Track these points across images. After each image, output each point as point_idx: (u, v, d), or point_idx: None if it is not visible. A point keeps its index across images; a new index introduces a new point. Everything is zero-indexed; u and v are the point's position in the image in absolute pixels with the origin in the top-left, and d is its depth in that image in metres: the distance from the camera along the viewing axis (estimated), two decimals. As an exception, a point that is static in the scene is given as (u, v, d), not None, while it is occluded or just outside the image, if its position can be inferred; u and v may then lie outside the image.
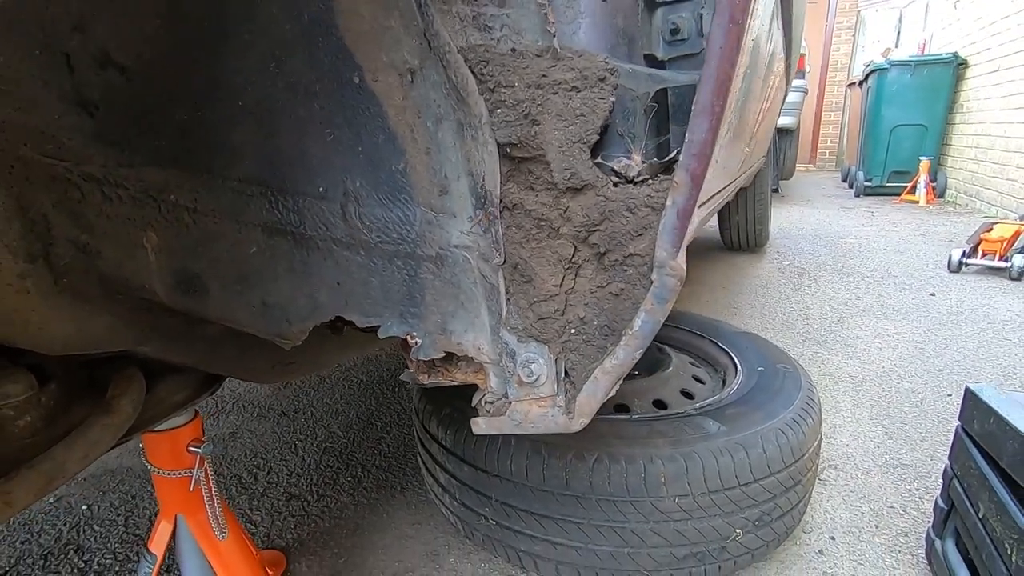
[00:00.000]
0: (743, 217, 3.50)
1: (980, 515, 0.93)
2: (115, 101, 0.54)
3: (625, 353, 0.47)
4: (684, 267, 0.44)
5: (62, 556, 1.30)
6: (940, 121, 5.68)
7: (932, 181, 5.62)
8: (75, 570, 1.26)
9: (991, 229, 3.35)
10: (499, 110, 0.45)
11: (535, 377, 0.51)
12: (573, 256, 0.49)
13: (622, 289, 0.47)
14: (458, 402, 1.21)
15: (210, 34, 0.52)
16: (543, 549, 1.08)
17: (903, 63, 5.63)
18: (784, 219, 5.02)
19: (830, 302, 2.81)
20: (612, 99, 0.44)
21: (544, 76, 0.44)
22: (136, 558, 1.28)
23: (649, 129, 0.51)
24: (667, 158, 0.45)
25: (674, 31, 0.52)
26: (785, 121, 5.19)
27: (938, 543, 1.06)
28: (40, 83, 0.52)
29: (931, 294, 2.87)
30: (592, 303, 0.49)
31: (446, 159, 0.52)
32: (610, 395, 0.50)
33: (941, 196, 5.78)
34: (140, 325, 0.66)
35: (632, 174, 0.44)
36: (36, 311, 0.59)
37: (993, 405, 0.93)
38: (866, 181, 6.10)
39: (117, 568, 1.26)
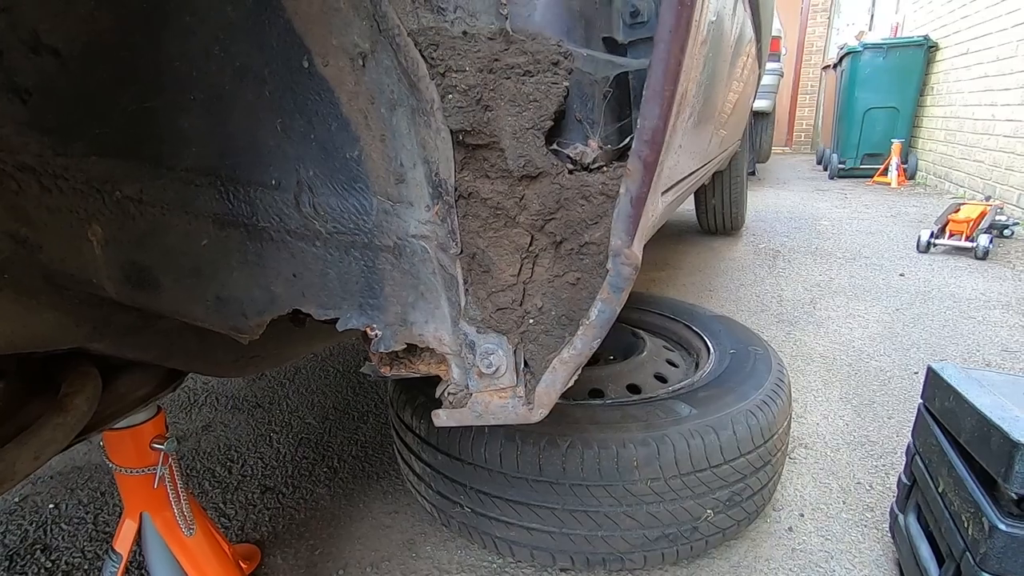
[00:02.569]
0: (719, 200, 3.53)
1: (940, 490, 0.96)
2: (50, 87, 0.51)
3: (583, 343, 0.46)
4: (639, 255, 0.43)
5: (28, 556, 1.28)
6: (911, 104, 5.77)
7: (903, 163, 5.72)
8: (42, 570, 1.23)
9: (958, 210, 3.43)
10: (450, 95, 0.44)
11: (494, 368, 0.50)
12: (530, 245, 0.48)
13: (579, 278, 0.47)
14: (432, 391, 1.20)
15: (150, 16, 0.50)
16: (518, 535, 1.09)
17: (876, 46, 5.69)
18: (760, 202, 5.08)
19: (803, 283, 2.86)
20: (566, 84, 0.42)
21: (496, 60, 0.43)
22: (106, 557, 1.26)
23: (610, 114, 0.50)
24: (621, 144, 0.44)
25: (634, 13, 0.51)
26: (761, 104, 5.22)
27: (901, 517, 1.10)
28: (-35, 68, 0.49)
29: (900, 274, 2.93)
30: (550, 293, 0.49)
31: (401, 146, 0.50)
32: (569, 385, 0.50)
33: (912, 177, 5.89)
34: (90, 321, 0.64)
35: (587, 161, 0.44)
36: (-24, 309, 0.56)
37: (953, 383, 0.96)
38: (840, 163, 6.18)
39: (86, 567, 1.23)
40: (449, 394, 0.57)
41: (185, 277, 0.57)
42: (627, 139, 0.44)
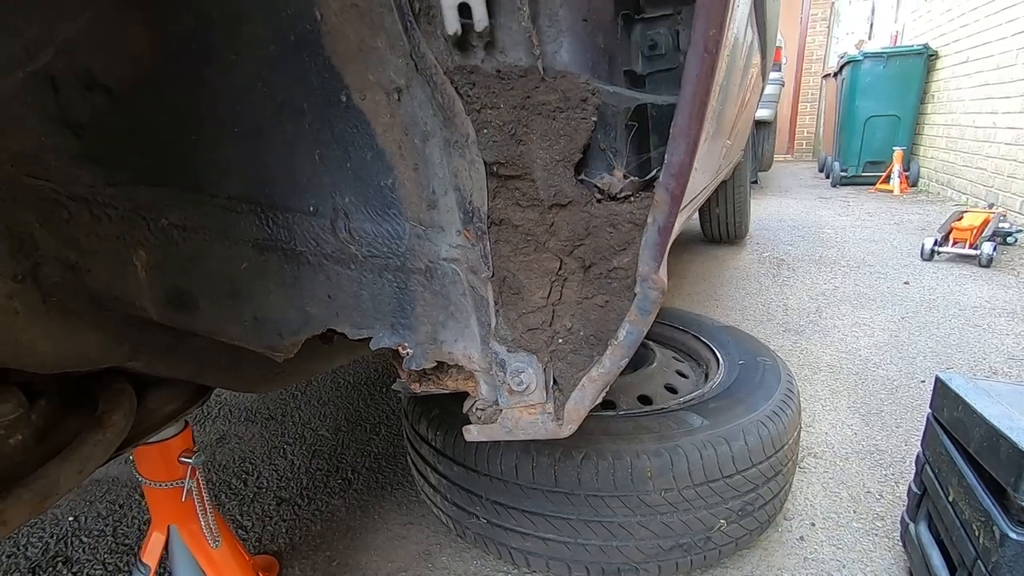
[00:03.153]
0: (723, 210, 3.55)
1: (950, 499, 0.97)
2: (102, 122, 0.54)
3: (611, 362, 0.48)
4: (666, 280, 0.46)
5: (50, 569, 1.30)
6: (912, 111, 5.81)
7: (905, 170, 5.75)
8: (65, 582, 1.25)
9: (961, 218, 3.45)
10: (485, 130, 0.47)
11: (525, 386, 0.53)
12: (559, 269, 0.50)
13: (607, 301, 0.49)
14: (447, 403, 1.23)
15: (196, 54, 0.53)
16: (534, 545, 1.11)
17: (876, 55, 5.73)
18: (763, 210, 5.10)
19: (808, 292, 2.88)
20: (594, 119, 0.45)
21: (528, 98, 0.45)
22: (126, 568, 1.28)
23: (630, 143, 0.53)
24: (648, 176, 0.46)
25: (652, 47, 0.54)
26: (763, 113, 5.26)
27: (912, 526, 1.11)
28: (24, 105, 0.52)
29: (905, 282, 2.95)
30: (578, 314, 0.51)
31: (434, 175, 0.53)
32: (597, 401, 0.52)
33: (914, 185, 5.91)
34: (130, 340, 0.66)
35: (615, 191, 0.46)
36: (25, 330, 0.59)
37: (961, 394, 0.98)
38: (842, 171, 6.22)
39: (108, 578, 1.25)
40: (477, 409, 0.59)
41: (224, 299, 0.60)
42: (653, 172, 0.46)
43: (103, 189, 0.56)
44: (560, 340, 0.52)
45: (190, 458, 0.88)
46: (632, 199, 0.46)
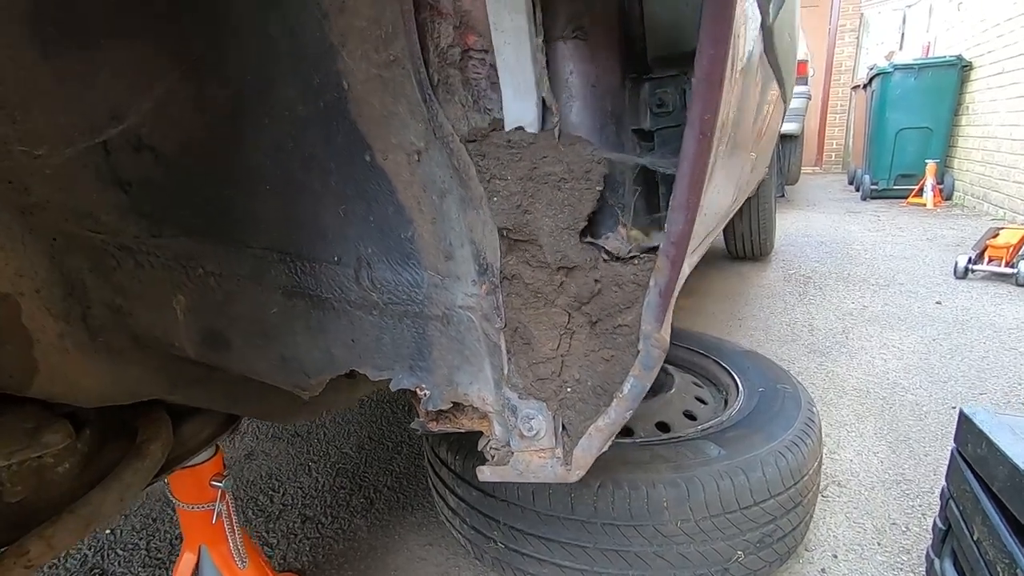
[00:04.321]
0: (747, 227, 3.52)
1: (975, 537, 0.95)
2: (147, 179, 0.59)
3: (616, 413, 0.51)
4: (668, 339, 0.48)
5: (89, 580, 1.36)
6: (946, 124, 5.67)
7: (939, 184, 5.61)
8: (101, 594, 1.31)
9: (997, 235, 3.35)
10: (494, 199, 0.50)
11: (535, 432, 0.55)
12: (568, 323, 0.53)
13: (612, 355, 0.51)
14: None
15: (232, 117, 0.57)
16: (551, 572, 1.12)
17: (907, 66, 5.63)
18: (790, 225, 5.03)
19: (835, 311, 2.83)
20: (599, 188, 0.48)
21: (535, 168, 0.48)
22: (159, 581, 1.33)
23: (640, 197, 0.55)
24: (653, 246, 0.49)
25: (660, 105, 0.56)
26: (789, 127, 5.20)
27: (937, 562, 1.09)
28: (80, 166, 0.57)
29: (937, 302, 2.88)
30: (586, 365, 0.53)
31: (450, 228, 0.56)
32: (604, 449, 0.54)
33: (948, 198, 5.76)
34: (168, 375, 0.71)
35: (621, 253, 0.49)
36: (75, 367, 0.64)
37: (985, 430, 0.96)
38: (872, 184, 6.09)
39: (141, 591, 1.31)
40: (491, 448, 0.62)
41: (255, 340, 0.64)
42: (654, 238, 0.48)
43: (147, 240, 0.61)
44: (568, 389, 0.54)
45: (220, 482, 0.93)
46: (636, 261, 0.49)
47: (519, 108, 0.49)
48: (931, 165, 5.56)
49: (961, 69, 5.47)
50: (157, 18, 0.53)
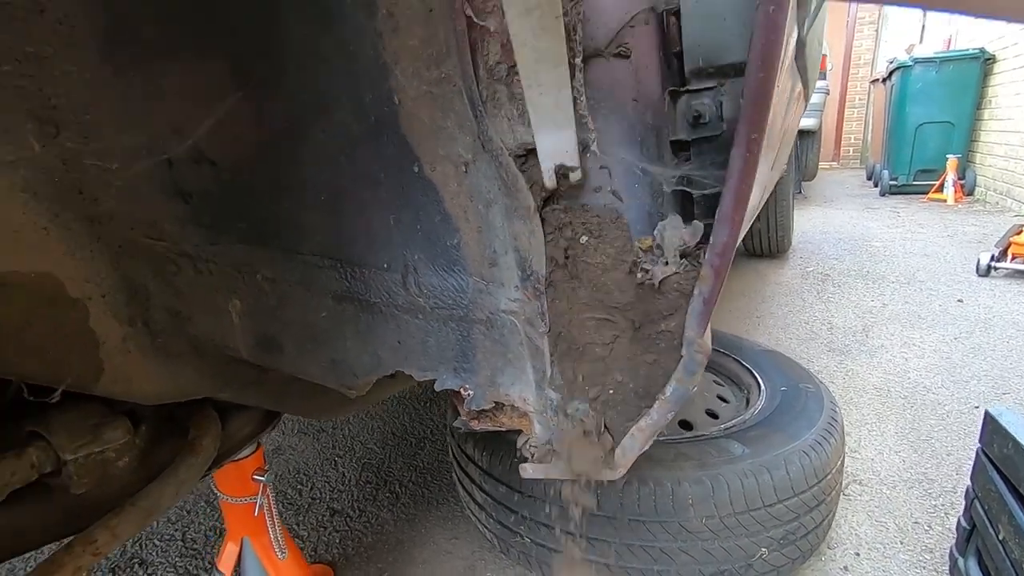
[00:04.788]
0: (765, 224, 3.51)
1: (1000, 537, 0.96)
2: (207, 191, 0.62)
3: (659, 415, 0.53)
4: (710, 345, 0.50)
5: (128, 569, 1.41)
6: (968, 118, 5.57)
7: (960, 179, 5.52)
8: (141, 582, 1.36)
9: (1021, 231, 3.31)
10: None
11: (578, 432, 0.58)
12: (611, 328, 0.55)
13: (655, 359, 0.53)
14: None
15: (287, 131, 0.60)
16: (577, 566, 1.15)
17: (928, 60, 5.54)
18: (807, 221, 4.99)
19: (855, 309, 2.81)
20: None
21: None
22: (196, 572, 1.38)
23: (678, 206, 0.57)
24: (690, 253, 0.51)
25: (697, 116, 0.58)
26: (807, 123, 5.15)
27: (961, 561, 1.10)
28: (146, 178, 0.60)
29: (959, 300, 2.85)
30: (628, 369, 0.56)
31: (495, 236, 0.58)
32: (645, 449, 0.56)
33: (970, 194, 5.67)
34: (221, 376, 0.75)
35: (664, 275, 0.51)
36: (136, 368, 0.68)
37: (1011, 430, 0.97)
38: (891, 180, 6.02)
39: (179, 581, 1.36)
40: (531, 447, 0.64)
41: (306, 343, 0.67)
42: (693, 245, 0.50)
43: (206, 247, 0.64)
44: (611, 391, 0.56)
45: (262, 476, 0.96)
46: (678, 271, 0.51)
47: (556, 141, 0.51)
48: (952, 160, 5.47)
49: (984, 62, 5.37)
50: (220, 40, 0.56)
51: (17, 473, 0.63)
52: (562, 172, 0.53)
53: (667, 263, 0.50)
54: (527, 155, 0.54)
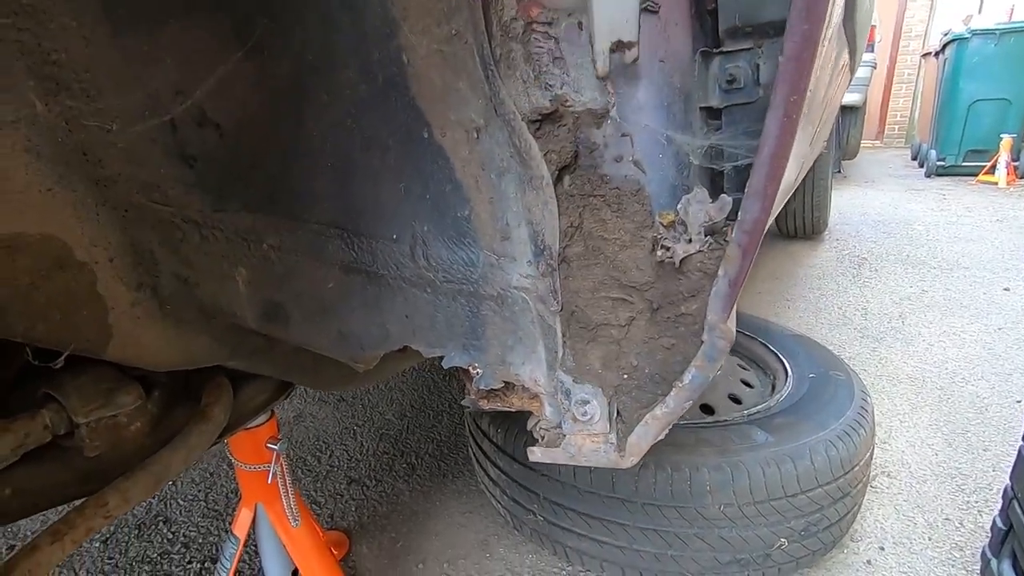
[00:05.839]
0: (800, 204, 3.38)
1: (1039, 540, 0.91)
2: (211, 155, 0.60)
3: (675, 402, 0.49)
4: (734, 330, 0.46)
5: (153, 527, 1.46)
6: (1027, 95, 5.23)
7: (1014, 160, 5.21)
8: (164, 540, 1.41)
9: (1078, 218, 3.11)
10: None
11: (588, 416, 0.55)
12: (628, 309, 0.52)
13: (673, 343, 0.50)
14: (509, 402, 1.27)
15: (293, 95, 0.57)
16: (589, 547, 1.13)
17: (987, 32, 5.18)
18: (846, 202, 4.79)
19: (891, 295, 2.70)
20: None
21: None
22: (216, 532, 1.42)
23: (704, 178, 0.53)
24: (717, 230, 0.46)
25: (731, 81, 0.53)
26: (851, 98, 4.91)
27: (994, 563, 1.05)
28: (149, 141, 0.59)
29: (1005, 288, 2.71)
30: (644, 353, 0.52)
31: (508, 208, 0.55)
32: (660, 438, 0.53)
33: (1024, 177, 5.36)
34: (230, 343, 0.74)
35: (685, 253, 0.47)
36: (145, 334, 0.67)
37: (1060, 429, 0.91)
38: (939, 160, 5.71)
39: (200, 540, 1.40)
40: (542, 429, 0.62)
41: (313, 314, 0.66)
42: (720, 221, 0.46)
43: (211, 214, 0.62)
44: (625, 375, 0.53)
45: (276, 444, 0.97)
46: (702, 249, 0.47)
47: (614, 5, 0.46)
48: (1007, 140, 5.15)
49: (1049, 34, 5.01)
50: (221, -4, 0.53)
51: (31, 434, 0.64)
52: (618, 50, 0.47)
53: (690, 240, 0.46)
54: (542, 121, 0.50)
